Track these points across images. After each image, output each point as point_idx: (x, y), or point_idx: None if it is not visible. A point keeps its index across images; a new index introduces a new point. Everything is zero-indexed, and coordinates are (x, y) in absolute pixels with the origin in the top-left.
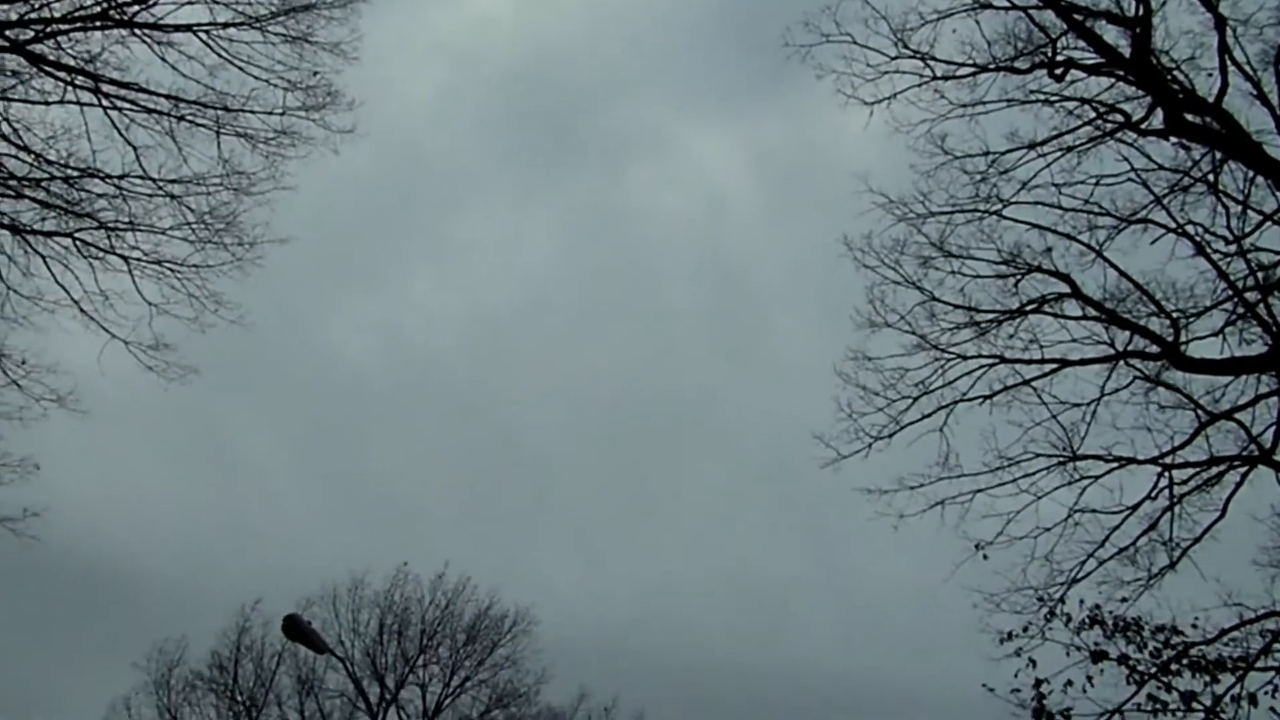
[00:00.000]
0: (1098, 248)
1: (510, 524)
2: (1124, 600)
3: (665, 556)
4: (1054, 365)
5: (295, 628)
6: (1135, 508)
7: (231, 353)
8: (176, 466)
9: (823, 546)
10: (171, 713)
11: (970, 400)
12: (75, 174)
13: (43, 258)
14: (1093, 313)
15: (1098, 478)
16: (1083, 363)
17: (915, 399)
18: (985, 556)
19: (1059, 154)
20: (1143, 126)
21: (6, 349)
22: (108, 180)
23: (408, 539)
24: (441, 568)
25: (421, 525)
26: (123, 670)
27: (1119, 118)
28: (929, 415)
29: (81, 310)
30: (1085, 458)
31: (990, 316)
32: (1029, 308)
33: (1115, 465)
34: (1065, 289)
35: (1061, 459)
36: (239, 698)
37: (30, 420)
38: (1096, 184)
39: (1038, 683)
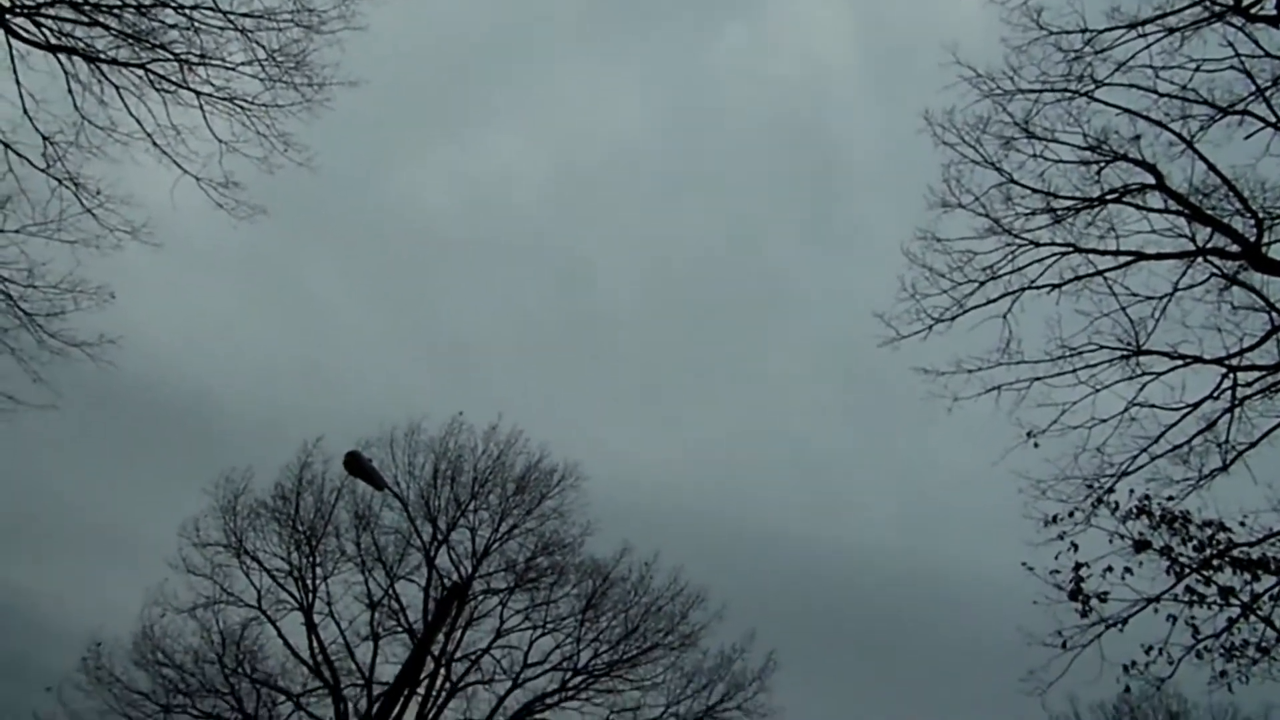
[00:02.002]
0: (1189, 138)
1: (574, 381)
2: (1170, 499)
3: (725, 427)
4: (1129, 258)
5: (356, 463)
6: (1195, 406)
7: (307, 197)
8: (251, 307)
9: (883, 429)
10: (237, 536)
11: (1039, 288)
12: (147, 2)
13: (116, 88)
14: (1175, 206)
15: (1160, 374)
16: (1159, 257)
17: (981, 284)
18: (1036, 444)
19: (1160, 35)
20: (1253, 11)
21: (83, 178)
22: (179, 10)
23: (472, 387)
24: (495, 419)
25: (487, 375)
26: (193, 495)
27: (1228, 0)
28: (994, 301)
29: (154, 144)
30: (1149, 353)
31: (1068, 204)
32: (1109, 197)
33: (1179, 363)
34: (1149, 180)
35: (1125, 353)
36: (300, 528)
37: (106, 249)
38: (1196, 70)
39: (1077, 566)
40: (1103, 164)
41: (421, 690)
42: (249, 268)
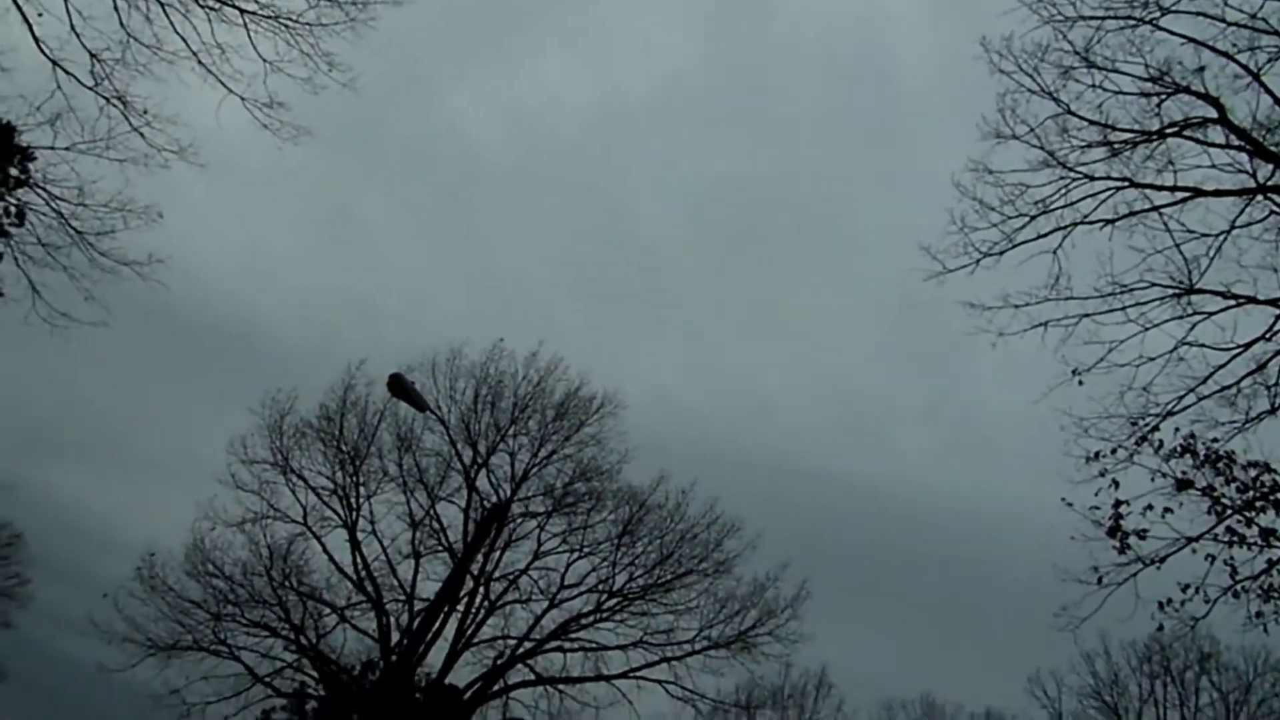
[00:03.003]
0: (1255, 70)
1: (617, 311)
2: (1215, 441)
3: (769, 362)
4: (1186, 194)
5: (399, 385)
6: (1246, 347)
7: (354, 123)
8: (299, 231)
9: (928, 366)
10: (283, 455)
11: (1091, 224)
12: None
13: (162, 5)
14: (1236, 141)
15: (1211, 314)
16: (1217, 194)
17: (1032, 218)
18: (1080, 382)
19: None
20: None
21: (130, 96)
22: None
23: (514, 315)
24: (536, 346)
25: (529, 303)
26: (240, 414)
27: None
28: (1045, 235)
29: (199, 62)
30: (1202, 292)
31: (1126, 137)
32: (1169, 131)
33: (1232, 303)
34: (1211, 113)
35: (1177, 291)
36: (344, 448)
37: (154, 169)
38: None
39: (1117, 504)
40: (1164, 96)
41: (461, 607)
42: (297, 193)
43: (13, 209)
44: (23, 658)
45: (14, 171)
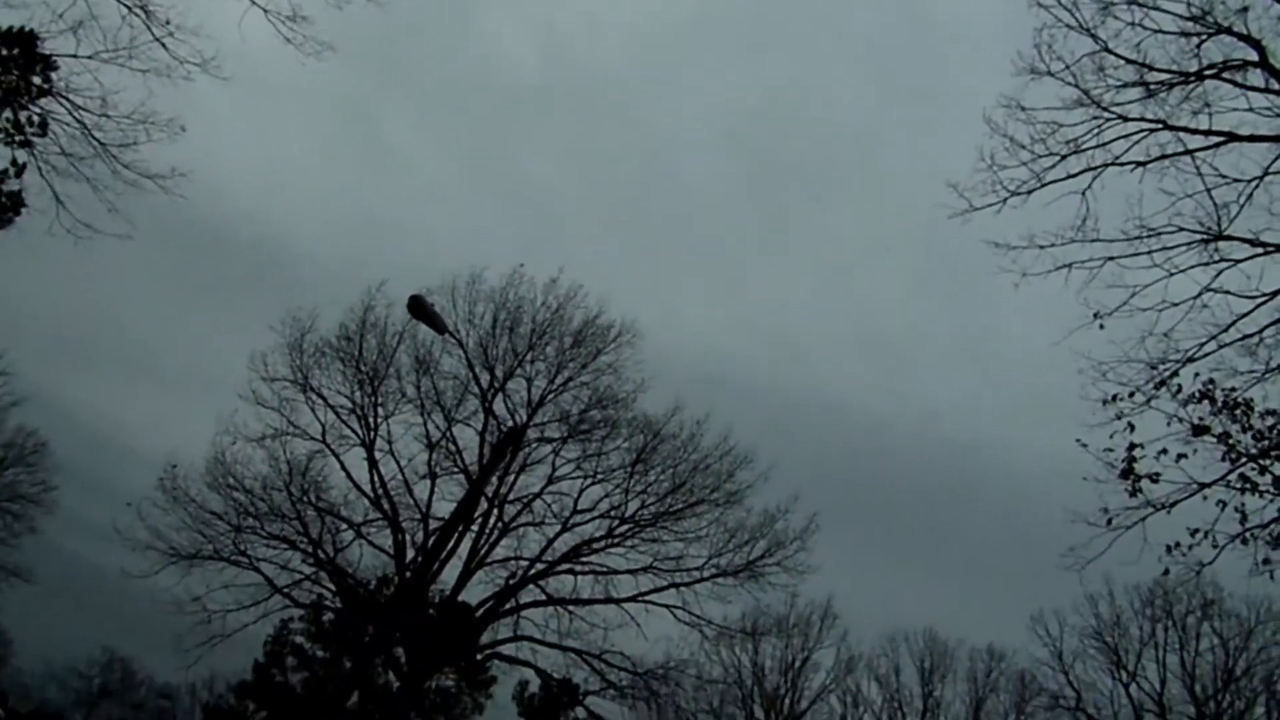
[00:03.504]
0: None
1: (643, 239)
2: (1233, 390)
3: (797, 297)
4: (1220, 138)
5: (419, 307)
6: (1271, 296)
7: (382, 41)
8: (325, 151)
9: (951, 304)
10: (303, 373)
11: (1122, 165)
12: None
13: None
14: (1276, 85)
15: (1238, 262)
16: (1252, 139)
17: (1063, 157)
18: (1102, 326)
19: None
20: None
21: (152, 5)
22: None
23: (540, 241)
24: (556, 273)
25: (554, 228)
26: (261, 331)
27: None
28: (1074, 176)
29: None
30: (1230, 239)
31: (1163, 78)
32: (1207, 73)
33: (1260, 251)
34: (1252, 55)
35: (1205, 237)
36: (362, 368)
37: (176, 80)
38: None
39: (1131, 446)
40: (1204, 36)
41: (475, 528)
42: (324, 112)
43: (35, 118)
44: (49, 563)
45: (36, 80)
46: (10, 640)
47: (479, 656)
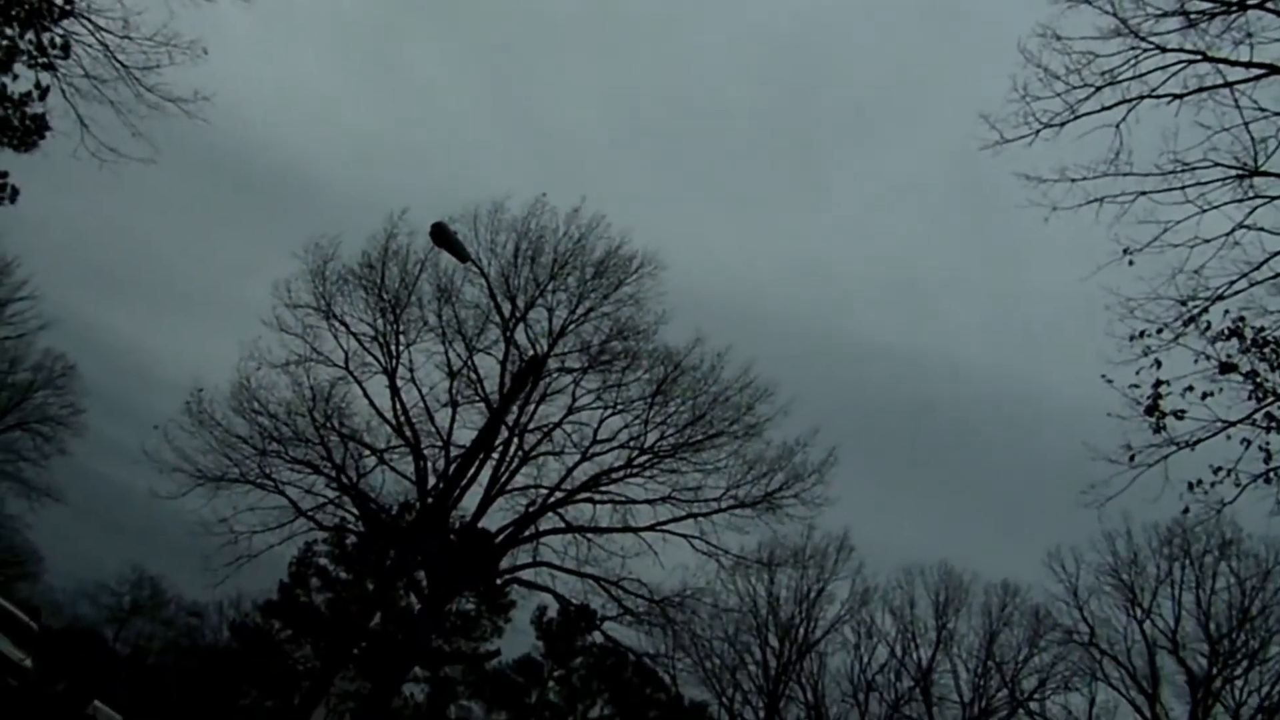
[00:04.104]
0: None
1: (670, 169)
2: (1262, 329)
3: (824, 231)
4: (1261, 70)
5: (441, 234)
6: None
7: None
8: (348, 78)
9: (987, 244)
10: (326, 300)
11: (1158, 98)
12: None
13: None
14: None
15: (1273, 199)
16: None
17: (1098, 89)
18: (1131, 262)
19: None
20: None
21: None
22: None
23: (564, 168)
24: (578, 202)
25: (579, 157)
26: (284, 259)
27: None
28: (1108, 108)
29: None
30: (1266, 175)
31: (1204, 7)
32: (1251, 2)
33: None
34: None
35: (1240, 173)
36: (385, 296)
37: (199, 2)
38: None
39: (1157, 383)
40: None
41: (495, 456)
42: (347, 38)
43: (58, 40)
44: (79, 484)
45: (59, 0)
46: (42, 558)
47: (498, 581)
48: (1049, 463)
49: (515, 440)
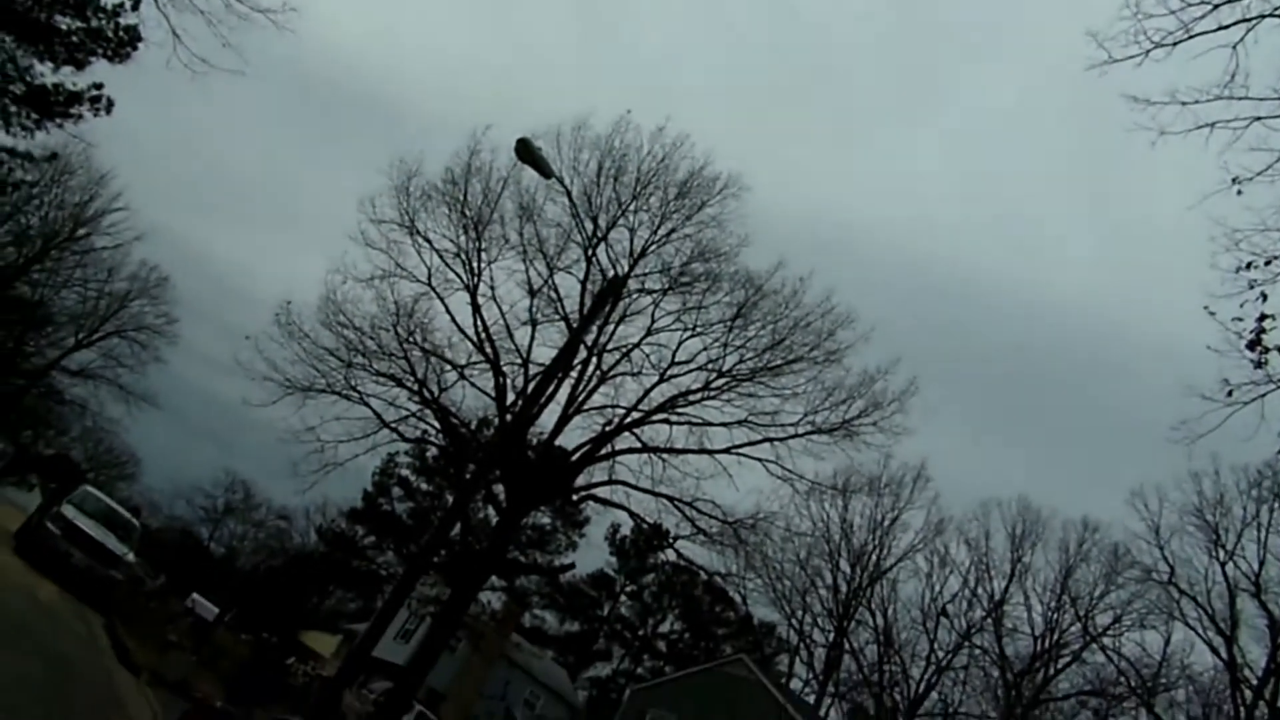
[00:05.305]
0: None
1: (769, 92)
2: None
3: (928, 157)
4: None
5: (526, 150)
6: None
7: None
8: None
9: (1091, 172)
10: (410, 216)
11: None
12: None
13: None
14: None
15: None
16: None
17: (1215, 6)
18: (1240, 191)
19: None
20: None
21: None
22: None
23: (651, 87)
24: (663, 121)
25: (668, 75)
26: (371, 174)
27: None
28: (1226, 27)
29: None
30: None
31: None
32: None
33: None
34: None
35: None
36: (467, 213)
37: None
38: None
39: (1262, 317)
40: None
41: (574, 375)
42: None
43: None
44: (173, 391)
45: None
46: (140, 460)
47: (574, 498)
48: (1137, 402)
49: (594, 360)
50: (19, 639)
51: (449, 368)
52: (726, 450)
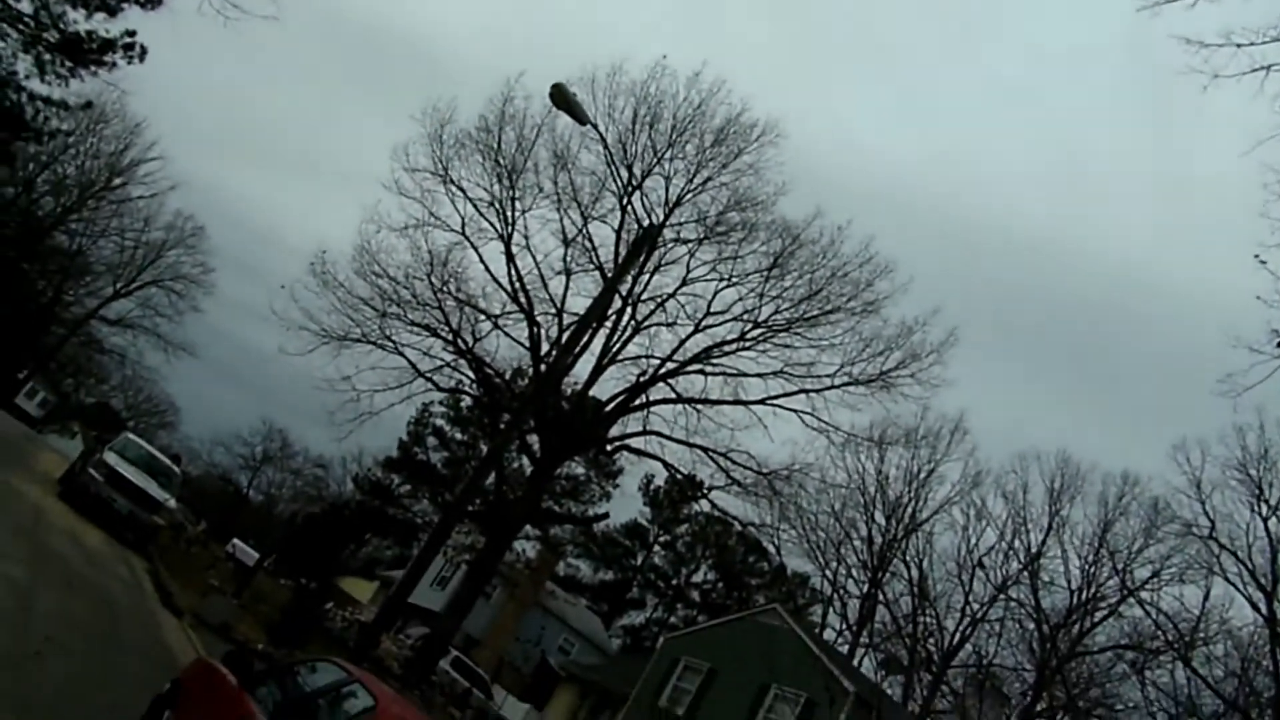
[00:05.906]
0: None
1: (811, 33)
2: None
3: (977, 108)
4: None
5: (561, 96)
6: None
7: None
8: None
9: (1145, 120)
10: (443, 165)
11: None
12: None
13: None
14: None
15: None
16: None
17: None
18: None
19: None
20: None
21: None
22: None
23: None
24: (700, 66)
25: (705, 16)
26: (402, 120)
27: None
28: None
29: None
30: None
31: None
32: None
33: None
34: None
35: None
36: (501, 161)
37: None
38: None
39: None
40: None
41: (608, 325)
42: None
43: None
44: (210, 341)
45: None
46: (179, 409)
47: (608, 448)
48: (1181, 355)
49: (628, 310)
50: (67, 581)
51: (483, 317)
52: (761, 401)
